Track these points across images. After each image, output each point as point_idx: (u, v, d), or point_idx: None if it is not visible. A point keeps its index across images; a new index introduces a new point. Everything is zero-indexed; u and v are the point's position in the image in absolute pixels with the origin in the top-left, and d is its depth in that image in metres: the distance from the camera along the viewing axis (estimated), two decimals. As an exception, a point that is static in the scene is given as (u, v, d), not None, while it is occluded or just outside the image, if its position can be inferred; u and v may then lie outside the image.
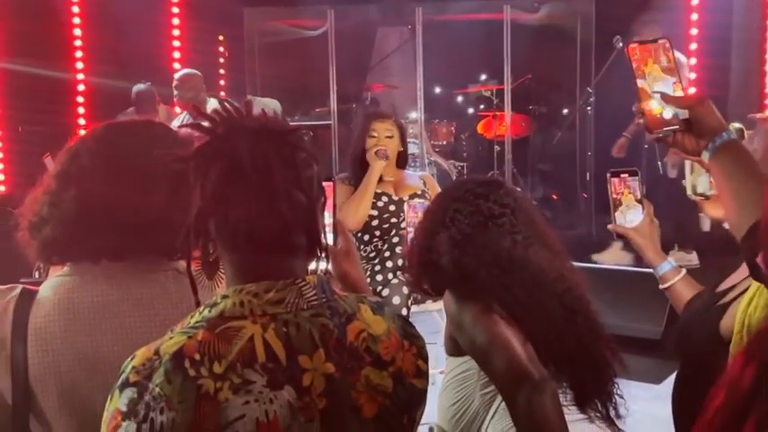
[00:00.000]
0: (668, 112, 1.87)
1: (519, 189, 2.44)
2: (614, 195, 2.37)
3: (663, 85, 1.90)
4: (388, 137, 4.48)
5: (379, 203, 4.43)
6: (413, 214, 3.68)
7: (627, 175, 2.37)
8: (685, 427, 2.12)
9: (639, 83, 1.92)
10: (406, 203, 4.02)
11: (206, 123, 1.40)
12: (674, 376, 2.22)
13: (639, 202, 2.36)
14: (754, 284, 1.86)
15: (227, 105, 1.42)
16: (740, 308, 1.85)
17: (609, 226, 2.38)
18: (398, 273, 4.32)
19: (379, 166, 4.38)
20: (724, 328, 1.95)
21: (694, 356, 2.11)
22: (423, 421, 1.56)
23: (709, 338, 1.98)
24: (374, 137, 4.47)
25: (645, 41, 1.93)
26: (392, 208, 4.44)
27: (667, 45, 1.92)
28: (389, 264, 4.33)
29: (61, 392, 1.62)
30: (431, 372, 1.54)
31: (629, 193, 2.34)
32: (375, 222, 4.42)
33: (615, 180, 2.38)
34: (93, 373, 1.62)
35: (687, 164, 2.37)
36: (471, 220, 2.27)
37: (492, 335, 2.05)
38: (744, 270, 2.10)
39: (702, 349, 2.03)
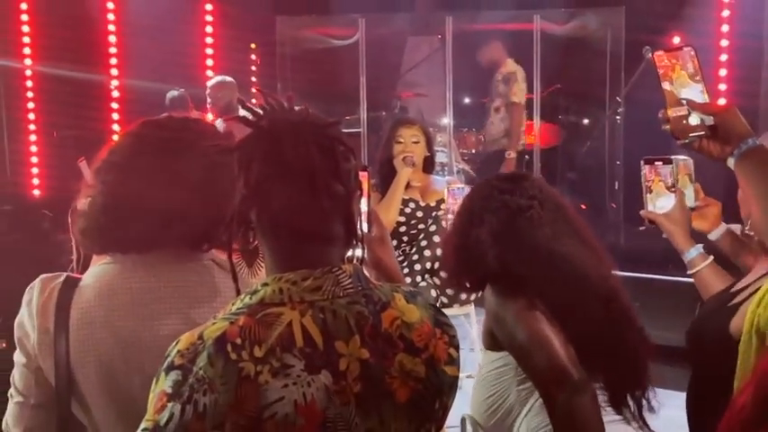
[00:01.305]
0: (694, 119, 1.89)
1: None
2: (646, 182, 2.42)
3: (690, 92, 1.93)
4: (414, 142, 4.52)
5: (407, 210, 4.47)
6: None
7: (660, 162, 2.41)
8: (698, 425, 2.15)
9: (666, 89, 1.95)
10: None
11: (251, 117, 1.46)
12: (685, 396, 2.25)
13: (671, 189, 2.39)
14: (766, 285, 1.88)
15: (271, 100, 1.48)
16: (750, 308, 1.88)
17: (641, 212, 2.42)
18: (426, 276, 4.36)
19: (405, 173, 4.42)
20: (734, 327, 1.98)
21: (706, 356, 2.14)
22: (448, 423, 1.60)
23: (720, 338, 2.00)
24: (401, 143, 4.51)
25: (671, 49, 1.96)
26: (419, 214, 4.47)
27: (693, 53, 1.94)
28: (417, 267, 4.36)
29: (100, 376, 1.68)
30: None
31: (660, 180, 2.37)
32: (403, 228, 4.46)
33: (648, 167, 2.43)
34: (130, 357, 1.68)
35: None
36: (499, 215, 2.27)
37: (533, 333, 2.06)
38: (757, 271, 2.13)
39: (713, 349, 2.06)
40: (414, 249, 4.43)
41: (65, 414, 1.70)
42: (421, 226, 4.46)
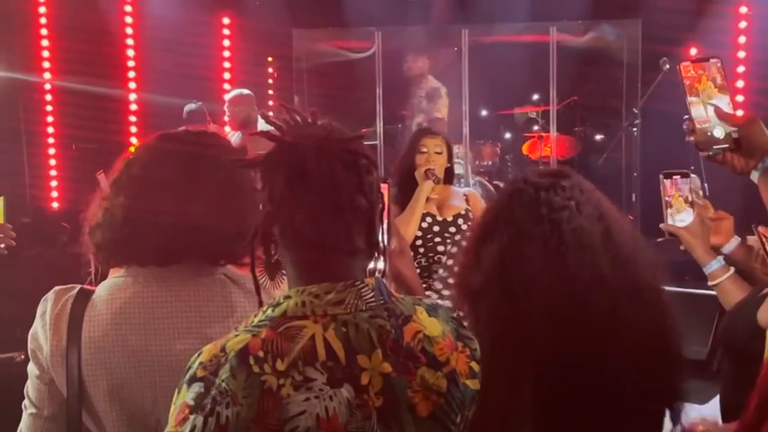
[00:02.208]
0: (719, 131, 1.88)
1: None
2: (666, 197, 2.40)
3: (718, 102, 1.92)
4: (437, 153, 4.45)
5: (424, 224, 4.41)
6: None
7: (678, 176, 2.39)
8: (731, 415, 2.13)
9: (692, 101, 1.93)
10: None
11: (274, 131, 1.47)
12: (719, 397, 2.24)
13: (690, 202, 2.39)
14: None
15: (294, 114, 1.49)
16: None
17: (661, 225, 2.41)
18: (442, 290, 4.33)
19: (427, 187, 4.34)
20: (761, 316, 1.98)
21: (735, 345, 2.15)
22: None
23: (749, 327, 2.01)
24: (424, 153, 4.44)
25: (698, 60, 1.94)
26: (436, 229, 4.42)
27: (719, 64, 1.93)
28: (433, 280, 4.34)
29: (111, 388, 1.69)
30: None
31: (680, 194, 2.37)
32: (419, 242, 4.40)
33: (667, 182, 2.40)
34: (141, 370, 1.70)
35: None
36: (528, 214, 1.76)
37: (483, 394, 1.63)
38: None
39: (742, 337, 2.07)
40: (430, 262, 4.40)
41: (76, 425, 1.71)
42: (437, 240, 4.42)
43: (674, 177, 2.41)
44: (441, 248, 4.41)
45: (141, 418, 1.70)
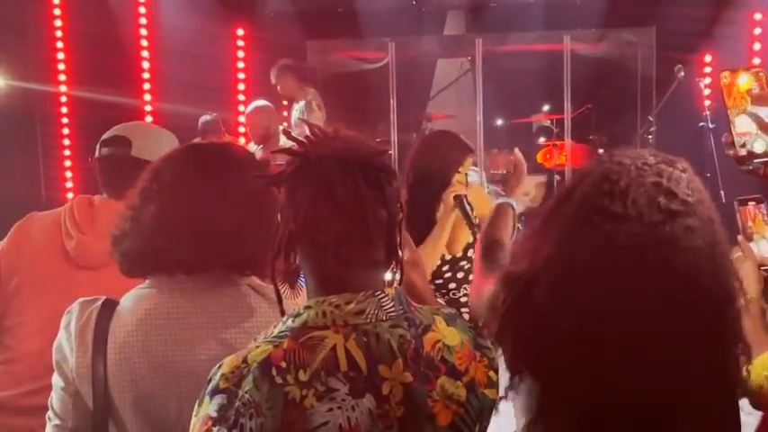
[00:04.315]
0: (760, 144, 1.82)
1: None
2: (748, 225, 2.07)
3: (760, 114, 1.87)
4: (466, 174, 3.72)
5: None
6: None
7: (754, 202, 2.08)
8: None
9: (732, 112, 1.87)
10: None
11: (296, 147, 1.48)
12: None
13: None
14: None
15: (315, 129, 1.49)
16: None
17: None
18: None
19: (453, 217, 3.59)
20: None
21: None
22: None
23: None
24: (461, 173, 3.69)
25: (738, 69, 1.88)
26: (445, 268, 3.79)
27: (761, 74, 1.88)
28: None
29: (136, 399, 1.69)
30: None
31: (762, 221, 2.08)
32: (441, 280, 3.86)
33: (745, 209, 2.07)
34: (166, 381, 1.70)
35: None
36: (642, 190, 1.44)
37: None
38: None
39: None
40: (460, 291, 3.87)
41: None
42: (449, 278, 3.80)
43: (750, 203, 2.08)
44: (452, 286, 3.82)
45: (167, 428, 1.70)
